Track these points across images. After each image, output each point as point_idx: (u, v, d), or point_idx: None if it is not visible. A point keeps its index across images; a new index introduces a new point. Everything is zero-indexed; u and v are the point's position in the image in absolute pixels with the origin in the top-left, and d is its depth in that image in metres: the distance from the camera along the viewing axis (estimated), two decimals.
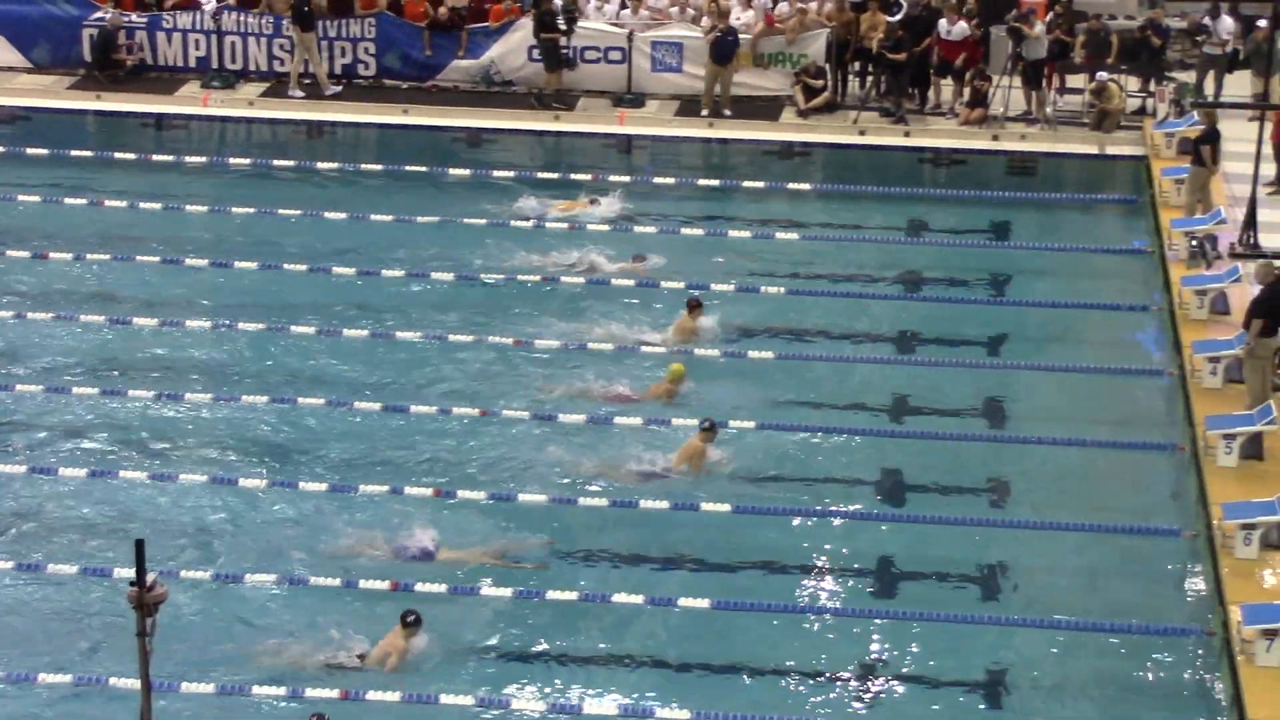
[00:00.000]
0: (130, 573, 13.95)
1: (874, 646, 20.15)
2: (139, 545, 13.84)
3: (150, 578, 13.92)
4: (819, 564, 21.54)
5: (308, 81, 35.22)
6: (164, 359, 25.83)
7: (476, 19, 35.69)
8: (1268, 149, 29.79)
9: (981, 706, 19.37)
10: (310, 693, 18.80)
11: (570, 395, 24.77)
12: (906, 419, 24.72)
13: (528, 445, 23.58)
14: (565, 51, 34.89)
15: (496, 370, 25.54)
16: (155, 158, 33.24)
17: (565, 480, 22.86)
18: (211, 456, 23.33)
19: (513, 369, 25.58)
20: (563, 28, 34.86)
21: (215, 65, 35.80)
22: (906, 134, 34.05)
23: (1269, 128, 29.79)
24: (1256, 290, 24.43)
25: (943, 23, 34.44)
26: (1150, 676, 19.74)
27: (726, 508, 22.17)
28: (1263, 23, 33.49)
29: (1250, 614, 19.33)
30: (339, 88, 35.24)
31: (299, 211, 30.72)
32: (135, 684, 14.92)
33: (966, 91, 34.32)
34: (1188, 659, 19.94)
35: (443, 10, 35.60)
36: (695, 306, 26.41)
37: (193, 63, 35.97)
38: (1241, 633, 19.26)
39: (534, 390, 24.91)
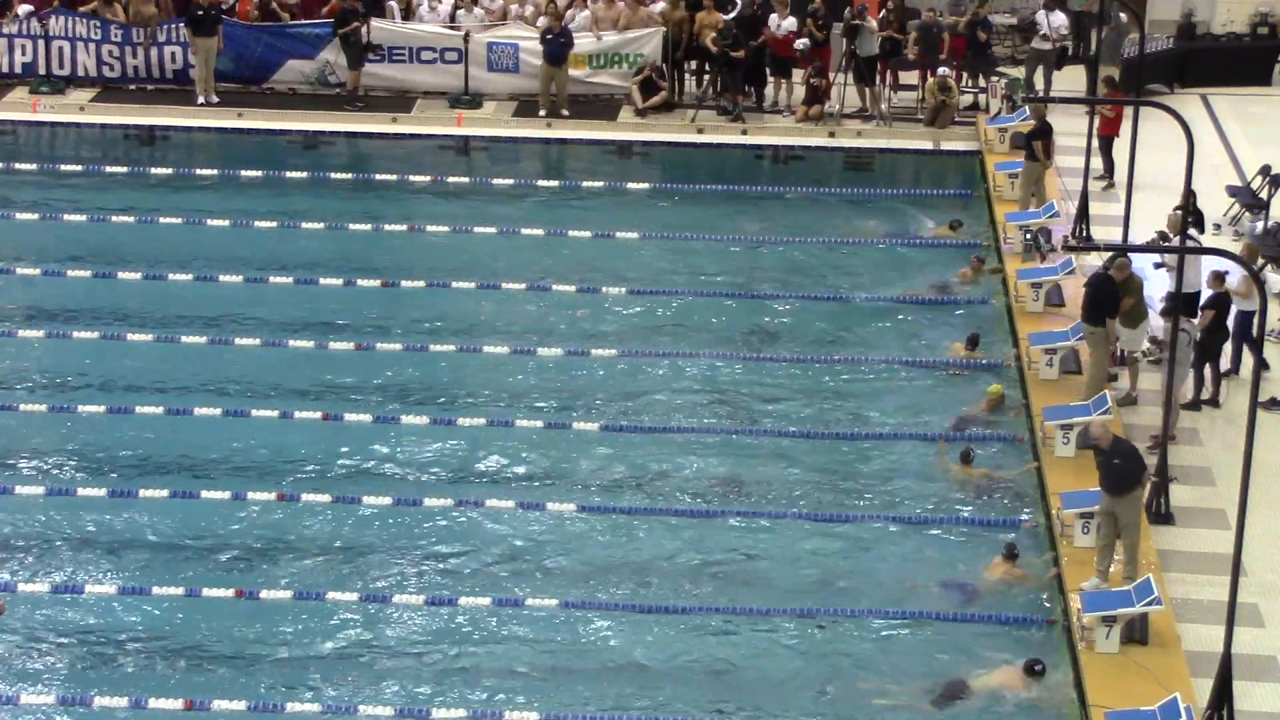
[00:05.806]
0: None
1: (712, 643, 20.30)
2: None
3: None
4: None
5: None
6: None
7: (309, 17, 35.35)
8: (1097, 143, 30.23)
9: (815, 698, 19.47)
10: None
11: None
12: (755, 418, 24.84)
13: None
14: (368, 43, 34.47)
15: None
16: None
17: None
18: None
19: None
20: (361, 11, 34.49)
21: (43, 71, 35.22)
22: (744, 131, 34.19)
23: (1098, 122, 30.21)
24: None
25: (773, 18, 34.58)
26: (993, 665, 19.92)
27: None
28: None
29: (1090, 601, 19.59)
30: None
31: (132, 218, 30.34)
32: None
33: (803, 89, 34.53)
34: (1030, 647, 20.14)
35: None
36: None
37: (19, 68, 35.37)
38: (1081, 620, 19.52)
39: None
